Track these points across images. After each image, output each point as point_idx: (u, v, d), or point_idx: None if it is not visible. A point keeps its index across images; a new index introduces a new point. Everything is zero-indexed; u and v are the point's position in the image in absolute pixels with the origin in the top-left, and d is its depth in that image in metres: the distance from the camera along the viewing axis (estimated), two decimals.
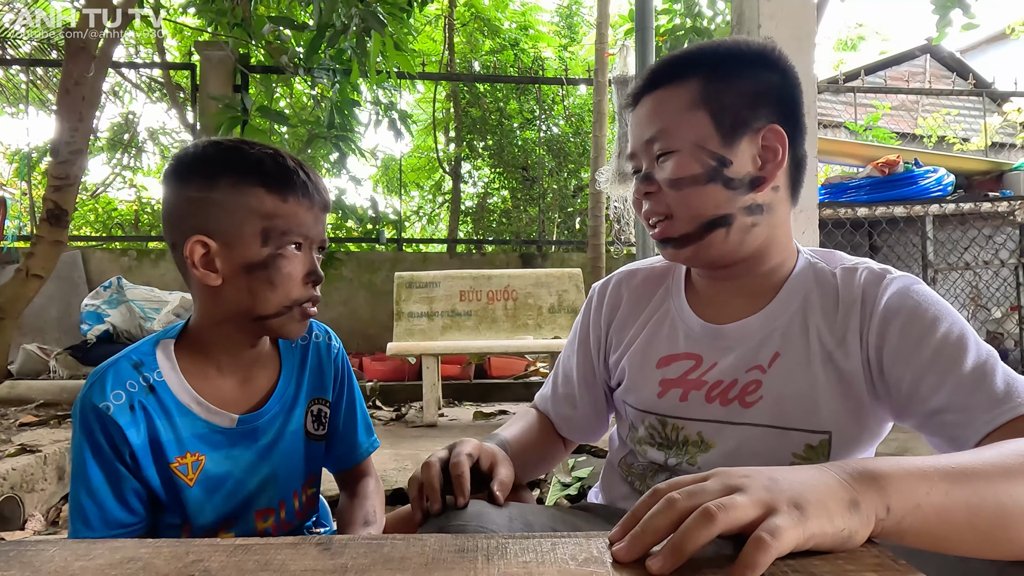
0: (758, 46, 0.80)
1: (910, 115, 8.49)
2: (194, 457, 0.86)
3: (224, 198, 0.81)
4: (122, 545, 0.51)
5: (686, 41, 5.08)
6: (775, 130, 0.78)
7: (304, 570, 0.45)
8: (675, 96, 0.78)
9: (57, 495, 2.11)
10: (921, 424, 0.69)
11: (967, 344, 0.68)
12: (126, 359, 0.85)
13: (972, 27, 3.48)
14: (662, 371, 0.86)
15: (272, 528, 0.93)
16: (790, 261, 0.83)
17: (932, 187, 3.54)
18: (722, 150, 0.76)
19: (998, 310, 3.88)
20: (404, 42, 3.75)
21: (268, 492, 0.92)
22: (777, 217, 0.81)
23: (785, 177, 0.81)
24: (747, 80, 0.78)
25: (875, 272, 0.78)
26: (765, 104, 0.78)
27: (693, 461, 0.82)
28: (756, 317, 0.81)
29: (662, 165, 0.79)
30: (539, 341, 3.75)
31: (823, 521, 0.44)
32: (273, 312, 0.85)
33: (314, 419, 0.98)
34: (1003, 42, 8.35)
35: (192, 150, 0.85)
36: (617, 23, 6.19)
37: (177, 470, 0.85)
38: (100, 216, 7.88)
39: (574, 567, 0.45)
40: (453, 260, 5.40)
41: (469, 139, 8.22)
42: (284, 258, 0.83)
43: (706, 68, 0.78)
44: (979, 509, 0.49)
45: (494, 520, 0.67)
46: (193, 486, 0.86)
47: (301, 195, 0.84)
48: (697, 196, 0.77)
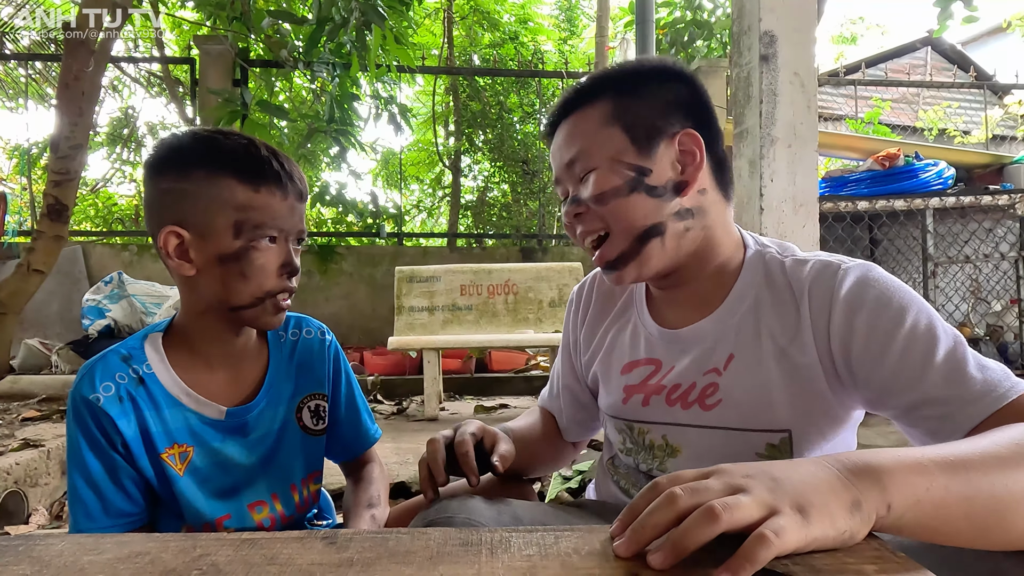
0: (658, 61, 0.82)
1: (911, 108, 8.47)
2: (182, 448, 0.87)
3: (197, 189, 0.81)
4: (130, 539, 0.51)
5: (686, 34, 5.07)
6: (690, 133, 0.78)
7: (310, 564, 0.46)
8: (587, 117, 0.80)
9: (60, 489, 2.12)
10: (898, 417, 0.69)
11: (936, 332, 0.67)
12: (114, 352, 0.86)
13: (973, 20, 3.47)
14: (625, 377, 0.88)
15: (270, 520, 0.94)
16: (736, 257, 0.83)
17: (932, 180, 3.54)
18: (639, 160, 0.77)
19: (998, 303, 3.88)
20: (404, 36, 3.74)
21: (259, 485, 0.93)
22: (710, 218, 0.81)
23: (710, 178, 0.81)
24: (654, 92, 0.79)
25: (826, 263, 0.77)
26: (676, 111, 0.79)
27: (663, 467, 0.83)
28: (709, 320, 0.82)
29: (586, 185, 0.79)
30: (540, 335, 3.75)
31: (826, 525, 0.44)
32: (247, 303, 0.84)
33: (312, 414, 0.99)
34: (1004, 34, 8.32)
35: (168, 141, 0.85)
36: (617, 16, 6.17)
37: (167, 459, 0.86)
38: (100, 211, 7.87)
39: (577, 560, 0.46)
40: (453, 254, 5.40)
41: (469, 133, 8.21)
42: (257, 250, 0.83)
43: (613, 87, 0.80)
44: (975, 501, 0.49)
45: (483, 513, 0.68)
46: (183, 475, 0.87)
47: (275, 185, 0.83)
48: (623, 207, 0.77)
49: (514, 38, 8.51)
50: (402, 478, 2.14)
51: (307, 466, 0.99)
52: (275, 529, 0.93)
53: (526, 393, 4.38)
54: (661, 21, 5.09)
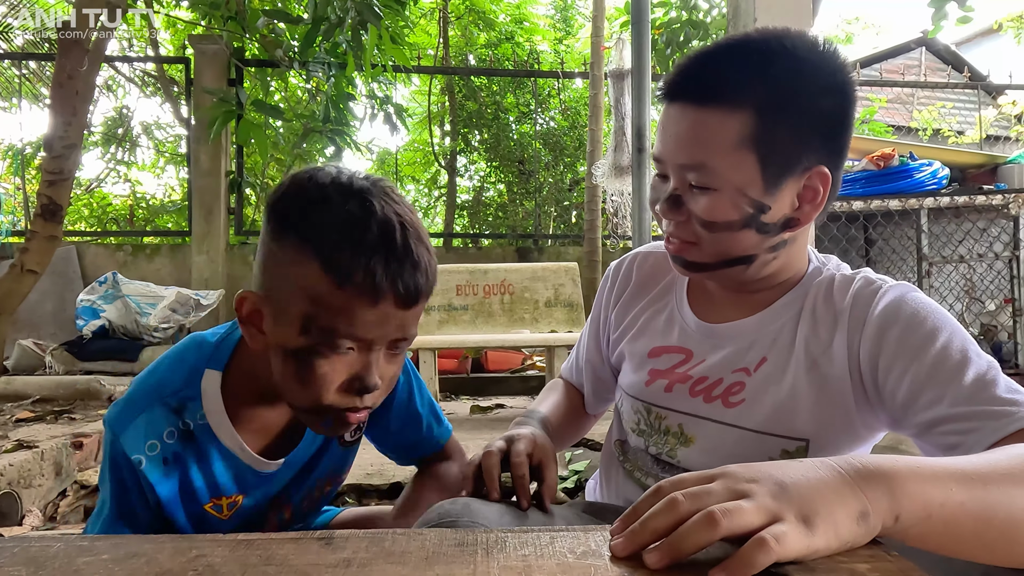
0: (818, 60, 0.71)
1: (905, 108, 8.50)
2: (231, 500, 0.78)
3: (283, 259, 0.66)
4: (125, 541, 0.51)
5: (682, 34, 5.08)
6: (821, 173, 0.73)
7: (307, 564, 0.46)
8: (723, 126, 0.70)
9: (54, 491, 2.11)
10: (919, 434, 0.68)
11: (969, 356, 0.66)
12: (164, 403, 0.74)
13: (967, 20, 3.49)
14: (653, 361, 0.88)
15: (274, 523, 0.90)
16: (800, 272, 0.82)
17: (927, 180, 3.55)
18: (763, 196, 0.72)
19: (992, 303, 3.90)
20: (400, 35, 3.74)
21: (282, 497, 0.88)
22: (798, 245, 0.80)
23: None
24: (803, 109, 0.70)
25: (869, 280, 0.76)
26: (816, 138, 0.72)
27: (673, 454, 0.83)
28: (750, 320, 0.81)
29: (696, 197, 0.73)
30: (536, 335, 3.75)
31: (830, 536, 0.44)
32: (303, 407, 0.71)
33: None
34: (998, 35, 8.36)
35: (287, 183, 0.69)
36: (613, 16, 6.17)
37: (212, 510, 0.78)
38: (95, 211, 7.85)
39: (572, 560, 0.46)
40: (449, 254, 5.40)
41: (464, 133, 8.21)
42: (322, 357, 0.66)
43: (761, 95, 0.69)
44: (989, 521, 0.48)
45: (486, 516, 0.68)
46: (228, 519, 0.79)
47: (368, 284, 0.63)
48: (729, 240, 0.74)
49: (510, 38, 8.52)
50: (399, 478, 2.14)
51: (329, 474, 0.92)
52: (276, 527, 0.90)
53: (522, 393, 4.38)
54: (657, 21, 5.09)
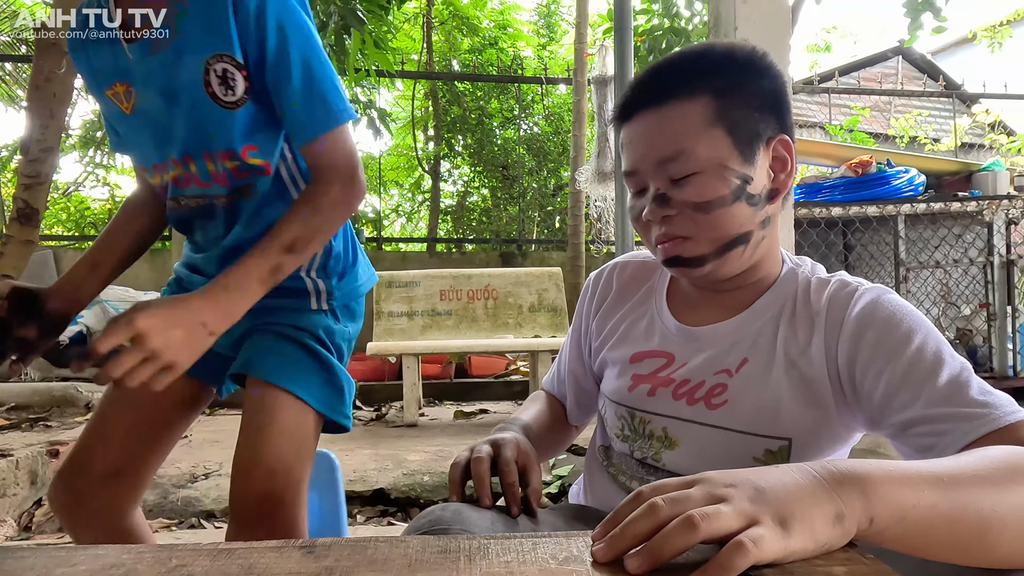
0: (749, 51, 0.79)
1: (883, 116, 8.65)
2: (123, 87, 0.92)
3: None
4: (104, 552, 0.51)
5: (663, 41, 5.13)
6: (784, 140, 0.78)
7: (288, 573, 0.45)
8: (688, 113, 0.75)
9: (29, 500, 2.07)
10: (895, 435, 0.69)
11: (943, 357, 0.67)
12: None
13: (942, 30, 3.57)
14: (635, 366, 0.88)
15: (184, 177, 0.95)
16: (776, 270, 0.84)
17: (904, 187, 3.62)
18: (743, 167, 0.75)
19: (967, 307, 3.97)
20: (383, 40, 3.73)
21: (175, 144, 0.93)
22: (775, 227, 0.82)
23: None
24: (750, 90, 0.76)
25: (846, 283, 0.78)
26: (768, 113, 0.77)
27: (658, 458, 0.83)
28: (730, 322, 0.82)
29: (682, 188, 0.75)
30: (519, 340, 3.76)
31: (806, 538, 0.45)
32: None
33: (219, 80, 0.86)
34: (972, 44, 8.54)
35: None
36: (596, 23, 6.22)
37: (112, 97, 0.94)
38: (72, 215, 7.73)
39: (554, 566, 0.46)
40: (433, 259, 5.39)
41: (448, 137, 8.21)
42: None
43: (712, 81, 0.75)
44: (961, 522, 0.49)
45: (476, 523, 0.68)
46: (130, 114, 0.93)
47: None
48: (726, 217, 0.75)
49: (494, 43, 8.54)
50: (381, 484, 2.13)
51: (221, 137, 0.89)
52: (189, 189, 0.95)
53: (506, 398, 4.38)
54: (639, 28, 5.14)
